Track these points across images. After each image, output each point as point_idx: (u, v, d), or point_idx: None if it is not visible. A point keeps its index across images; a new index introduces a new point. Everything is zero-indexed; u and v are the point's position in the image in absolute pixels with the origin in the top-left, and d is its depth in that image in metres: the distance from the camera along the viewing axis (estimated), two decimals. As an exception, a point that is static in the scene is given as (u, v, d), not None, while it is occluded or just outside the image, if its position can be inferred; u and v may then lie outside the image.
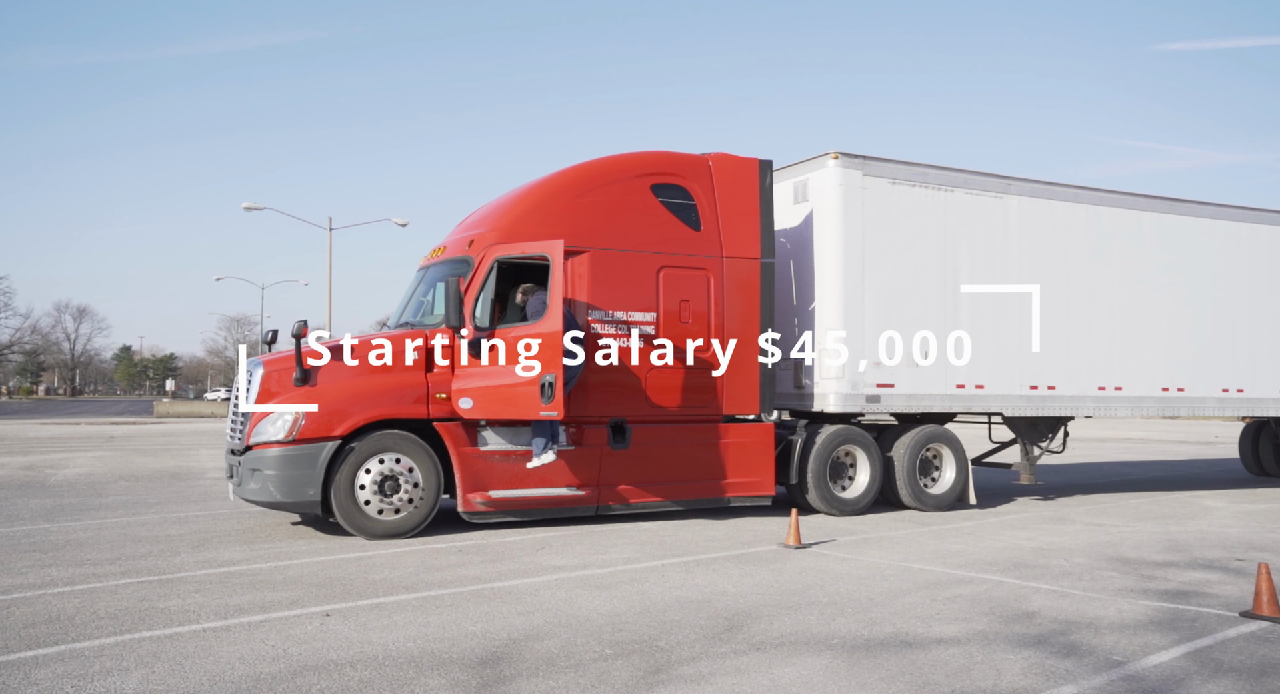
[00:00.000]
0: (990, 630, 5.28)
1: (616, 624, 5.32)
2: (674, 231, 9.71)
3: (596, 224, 9.37)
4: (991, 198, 11.23)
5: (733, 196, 10.02)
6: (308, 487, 8.12)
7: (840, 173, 10.36)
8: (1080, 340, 11.64)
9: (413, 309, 9.87)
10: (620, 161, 9.83)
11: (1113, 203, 12.02)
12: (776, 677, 4.39)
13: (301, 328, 8.29)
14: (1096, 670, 4.53)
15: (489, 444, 8.82)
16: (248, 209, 34.62)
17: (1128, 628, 5.37)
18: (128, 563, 6.99)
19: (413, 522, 8.47)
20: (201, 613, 5.41)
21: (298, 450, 8.13)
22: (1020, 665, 4.61)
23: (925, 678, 4.40)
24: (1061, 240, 11.60)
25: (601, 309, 9.27)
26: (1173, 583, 6.73)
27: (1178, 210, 12.48)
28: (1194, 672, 4.54)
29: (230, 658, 4.52)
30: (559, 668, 4.49)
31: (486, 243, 9.16)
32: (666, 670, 4.47)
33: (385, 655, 4.63)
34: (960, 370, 10.88)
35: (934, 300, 10.79)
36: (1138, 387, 12.04)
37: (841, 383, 10.22)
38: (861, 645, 4.94)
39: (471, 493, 8.64)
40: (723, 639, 5.03)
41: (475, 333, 8.79)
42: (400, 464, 8.46)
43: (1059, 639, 5.10)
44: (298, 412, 8.17)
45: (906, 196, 10.71)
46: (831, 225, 10.37)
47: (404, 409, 8.54)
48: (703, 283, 9.78)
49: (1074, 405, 11.64)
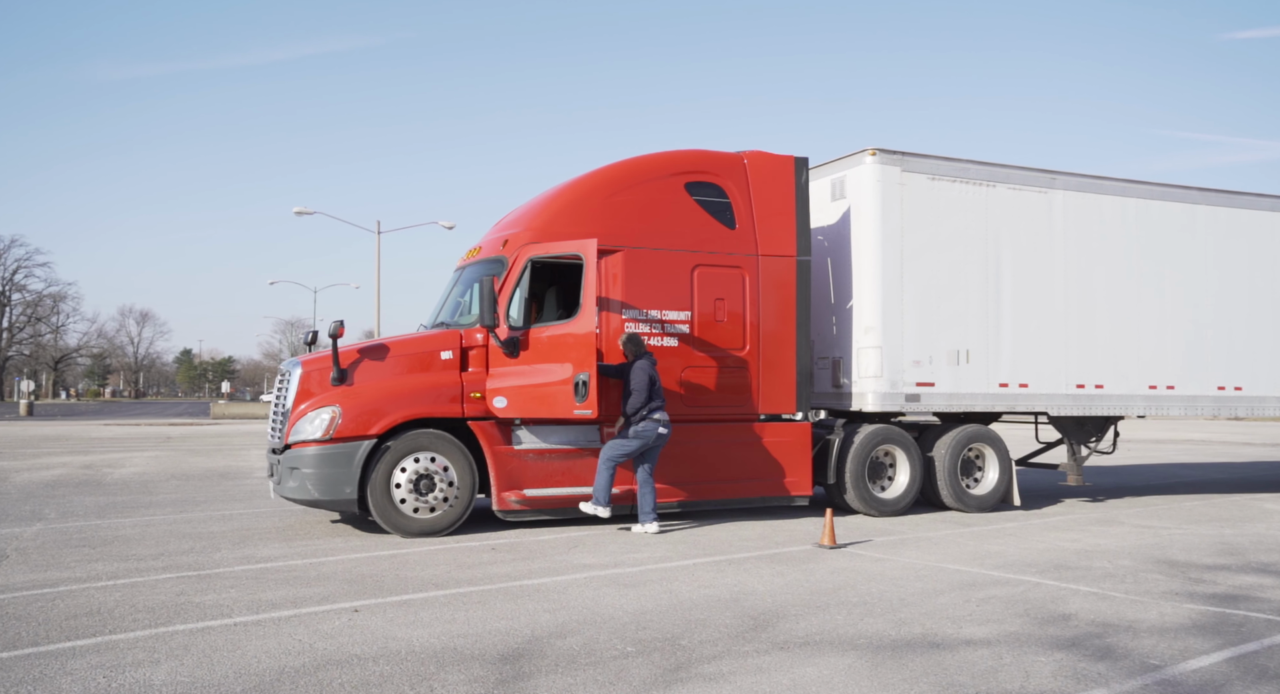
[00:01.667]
0: (1023, 632, 5.15)
1: (641, 622, 5.31)
2: (709, 230, 9.67)
3: (630, 223, 9.37)
4: (1035, 193, 10.98)
5: (768, 194, 9.95)
6: (344, 485, 8.25)
7: (878, 169, 10.22)
8: (1129, 338, 11.32)
9: (449, 309, 9.98)
10: (654, 160, 9.82)
11: (1163, 196, 11.67)
12: (797, 676, 4.33)
13: (338, 328, 8.43)
14: (1130, 674, 4.39)
15: (523, 443, 8.87)
16: (299, 214, 35.40)
17: (1168, 632, 5.20)
18: (170, 558, 7.18)
19: (448, 520, 8.55)
20: (235, 608, 5.52)
21: (334, 449, 8.27)
22: (1050, 668, 4.49)
23: (950, 679, 4.31)
24: (1109, 235, 11.29)
25: (636, 308, 9.26)
26: (1221, 587, 6.50)
27: (1234, 203, 12.07)
28: (1235, 677, 4.38)
29: (257, 651, 4.61)
30: (579, 665, 4.49)
31: (521, 243, 9.21)
32: (686, 669, 4.44)
33: (408, 651, 4.68)
34: (1003, 369, 10.66)
35: (975, 297, 10.58)
36: (1192, 385, 11.67)
37: (880, 381, 10.07)
38: (888, 646, 4.85)
39: (506, 492, 8.70)
40: (746, 638, 4.98)
41: (510, 332, 8.86)
42: (435, 463, 8.55)
43: (1094, 642, 4.96)
44: (335, 410, 8.31)
45: (946, 192, 10.52)
46: (869, 222, 10.24)
47: (439, 408, 8.63)
48: (738, 281, 9.72)
49: (1123, 405, 11.32)
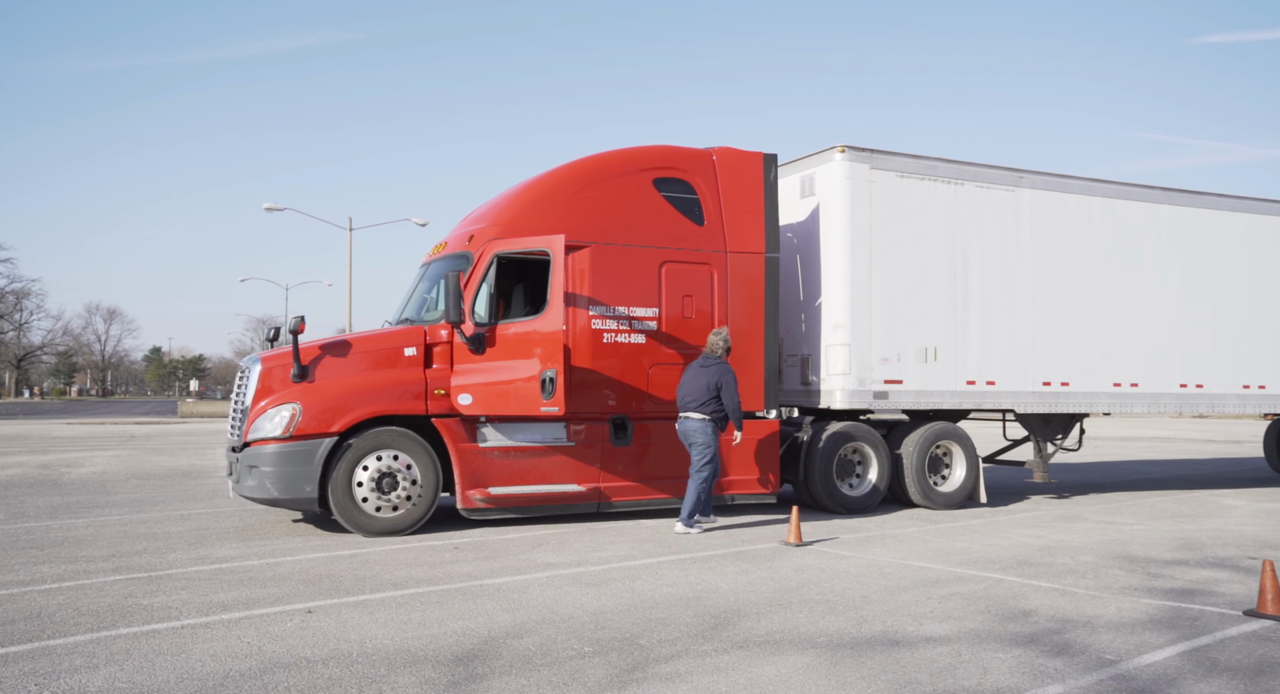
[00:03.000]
0: (983, 629, 5.14)
1: (601, 621, 5.24)
2: (677, 226, 9.61)
3: (598, 219, 9.29)
4: (1003, 191, 11.02)
5: (737, 191, 9.91)
6: (304, 483, 8.11)
7: (847, 166, 10.21)
8: (1095, 336, 11.41)
9: (414, 306, 9.86)
10: (622, 156, 9.75)
11: (1128, 196, 11.77)
12: (755, 676, 4.28)
13: (299, 324, 8.28)
14: (1086, 670, 4.39)
15: (489, 440, 8.77)
16: (269, 210, 34.94)
17: (1125, 627, 5.21)
18: (121, 560, 7.01)
19: (411, 519, 8.43)
20: (183, 610, 5.39)
21: (295, 447, 8.12)
22: (1008, 664, 4.47)
23: (908, 677, 4.28)
24: (1075, 234, 11.37)
25: (603, 305, 9.19)
26: (1179, 581, 6.54)
27: (1196, 203, 12.20)
28: (1187, 671, 4.39)
29: (202, 655, 4.49)
30: (534, 666, 4.41)
31: (486, 238, 9.11)
32: (643, 669, 4.38)
33: (360, 653, 4.58)
34: (970, 366, 10.70)
35: (943, 295, 10.61)
36: (1155, 383, 11.78)
37: (848, 379, 10.07)
38: (848, 644, 4.82)
39: (471, 490, 8.60)
40: (706, 637, 4.93)
41: (475, 328, 8.76)
42: (398, 461, 8.43)
43: (1052, 638, 4.96)
44: (295, 408, 8.17)
45: (915, 190, 10.54)
46: (838, 220, 10.23)
47: (402, 405, 8.51)
48: (706, 278, 9.67)
49: (1088, 402, 11.40)
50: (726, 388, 8.51)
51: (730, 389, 8.52)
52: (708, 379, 8.55)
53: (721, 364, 8.68)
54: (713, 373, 8.57)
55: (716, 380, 8.52)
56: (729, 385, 8.53)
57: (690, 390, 8.61)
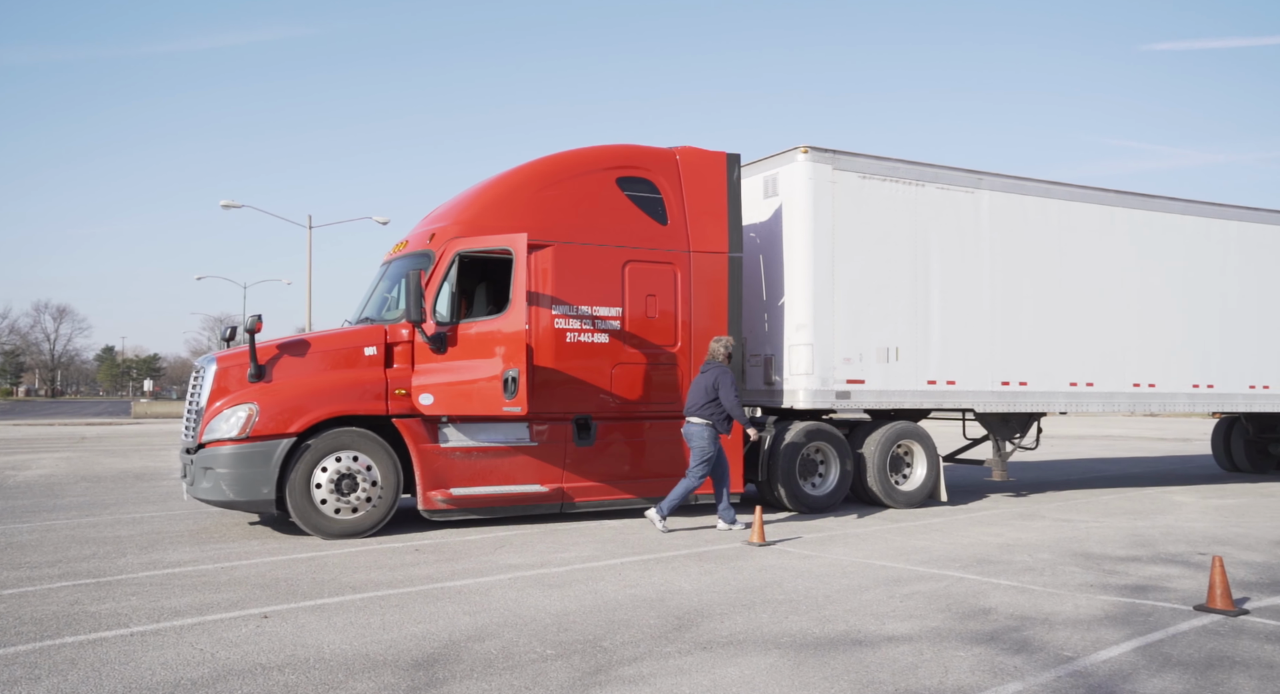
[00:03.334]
0: (944, 627, 5.18)
1: (563, 624, 5.20)
2: (640, 226, 9.59)
3: (561, 218, 9.23)
4: (963, 193, 11.16)
5: (700, 191, 9.91)
6: (261, 485, 7.95)
7: (810, 167, 10.26)
8: (1051, 336, 11.59)
9: (375, 305, 9.72)
10: (585, 155, 9.70)
11: (1083, 198, 11.98)
12: (718, 677, 4.27)
13: (255, 323, 8.13)
14: (1045, 667, 4.44)
15: (450, 441, 8.67)
16: (226, 207, 34.29)
17: (1082, 623, 5.29)
18: (68, 565, 6.81)
19: (371, 521, 8.31)
20: (133, 616, 5.24)
21: (251, 448, 7.97)
22: (969, 663, 4.51)
23: (871, 677, 4.29)
24: (1033, 236, 11.54)
25: (567, 304, 9.14)
26: (1133, 578, 6.66)
27: (1148, 206, 12.46)
28: (1141, 666, 4.46)
29: (152, 663, 4.36)
30: (495, 670, 4.36)
31: (448, 236, 9.02)
32: (606, 671, 4.34)
33: (317, 658, 4.49)
34: (931, 366, 10.81)
35: (905, 296, 10.70)
36: (1109, 382, 12.00)
37: (811, 379, 10.12)
38: (811, 644, 4.83)
39: (432, 491, 8.50)
40: (669, 638, 4.91)
41: (436, 327, 8.66)
42: (358, 462, 8.30)
43: (1012, 635, 5.01)
44: (251, 408, 8.01)
45: (877, 191, 10.62)
46: (801, 220, 10.27)
47: (362, 405, 8.39)
48: (669, 278, 9.66)
49: (1045, 401, 11.58)
50: (723, 387, 8.61)
51: (727, 388, 8.61)
52: (706, 382, 8.70)
53: (719, 366, 8.80)
54: (710, 376, 8.72)
55: (714, 382, 8.65)
56: (725, 385, 8.62)
57: (692, 395, 8.79)
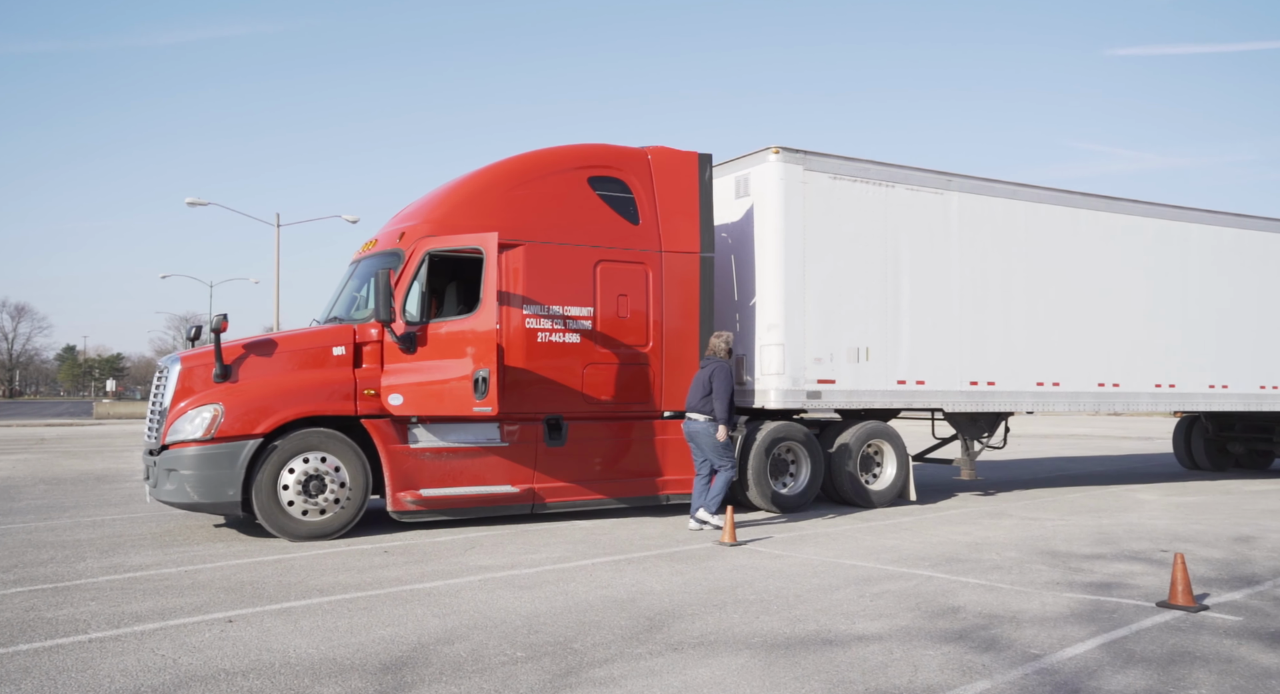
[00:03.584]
0: (914, 626, 5.21)
1: (534, 626, 5.16)
2: (612, 225, 9.57)
3: (532, 217, 9.19)
4: (932, 194, 11.25)
5: (672, 190, 9.91)
6: (227, 487, 7.83)
7: (781, 167, 10.29)
8: (1019, 336, 11.72)
9: (344, 304, 9.61)
10: (556, 154, 9.66)
11: (1050, 200, 12.13)
12: (689, 678, 4.26)
13: (221, 323, 8.01)
14: (1013, 664, 4.48)
15: (420, 441, 8.60)
16: (191, 204, 33.76)
17: (1049, 621, 5.35)
18: (24, 570, 6.65)
19: (339, 522, 8.22)
20: (92, 622, 5.13)
21: (216, 449, 7.84)
22: (938, 661, 4.54)
23: (841, 676, 4.31)
24: (1000, 237, 11.66)
25: (537, 303, 9.09)
26: (1098, 575, 6.75)
27: (1112, 208, 12.64)
28: (1106, 663, 4.52)
29: (111, 670, 4.27)
30: (465, 673, 4.31)
31: (418, 235, 8.94)
32: (577, 673, 4.32)
33: (283, 663, 4.42)
34: (901, 366, 10.88)
35: (875, 296, 10.77)
36: (1075, 382, 12.16)
37: (782, 379, 10.15)
38: (782, 644, 4.84)
39: (401, 492, 8.42)
40: (641, 640, 4.89)
41: (406, 327, 8.58)
42: (326, 463, 8.20)
43: (980, 634, 5.05)
44: (217, 408, 7.88)
45: (848, 192, 10.68)
46: (772, 220, 10.30)
47: (330, 406, 8.29)
48: (641, 277, 9.65)
49: (1013, 401, 11.71)
50: (717, 381, 8.62)
51: (720, 382, 8.62)
52: (703, 377, 8.76)
53: (718, 361, 8.82)
54: (707, 371, 8.77)
55: (709, 376, 8.68)
56: (720, 379, 8.64)
57: (692, 392, 8.83)
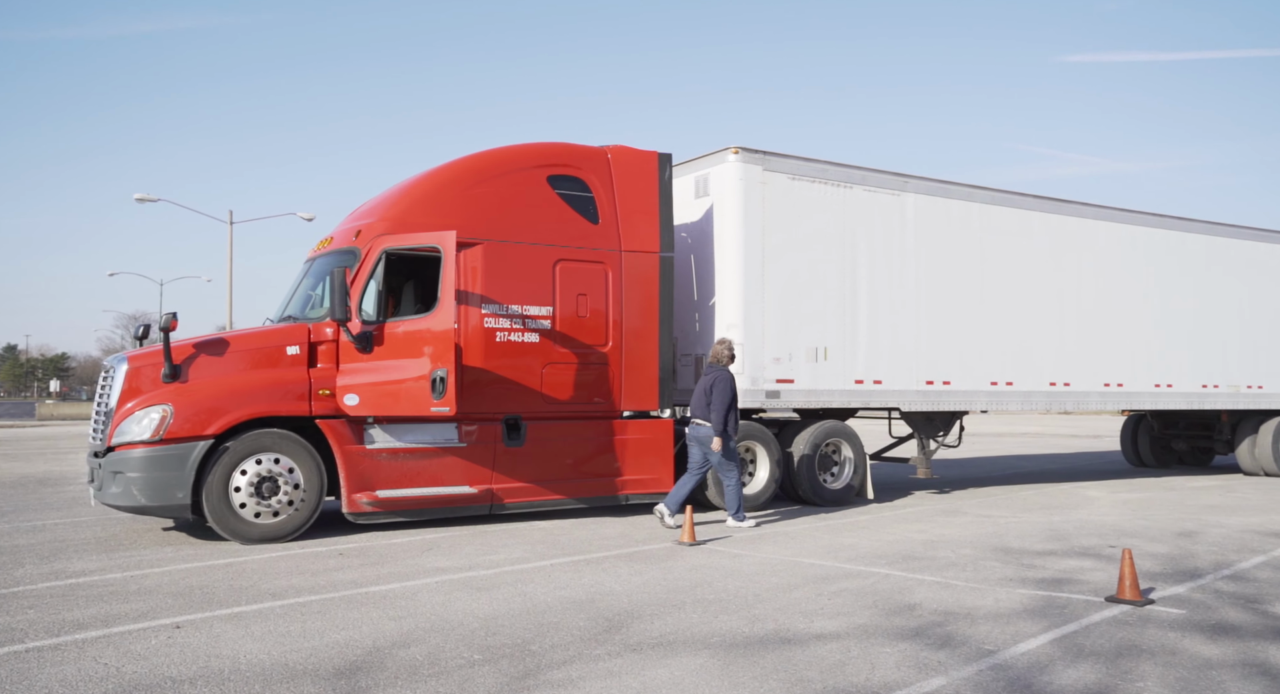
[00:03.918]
0: (871, 624, 5.25)
1: (491, 628, 5.11)
2: (571, 224, 9.52)
3: (491, 216, 9.11)
4: (889, 195, 11.37)
5: (632, 190, 9.89)
6: (176, 489, 7.65)
7: (740, 168, 10.33)
8: (974, 336, 11.90)
9: (298, 303, 9.44)
10: (515, 152, 9.59)
11: (1003, 202, 12.33)
12: (648, 679, 4.24)
13: (170, 321, 7.81)
14: (967, 661, 4.53)
15: (376, 442, 8.48)
16: (140, 201, 32.97)
17: (1002, 617, 5.42)
18: (-38, 576, 6.43)
19: (293, 524, 8.07)
20: (30, 631, 4.95)
21: (165, 450, 7.65)
22: (895, 658, 4.58)
23: (800, 675, 4.32)
24: (956, 238, 11.83)
25: (496, 303, 9.01)
26: (1050, 571, 6.87)
27: (1063, 211, 12.90)
28: (1057, 657, 4.60)
29: (49, 680, 4.13)
30: (421, 677, 4.25)
31: (375, 233, 8.81)
32: (534, 675, 4.28)
33: (233, 669, 4.31)
34: (859, 366, 10.99)
35: (833, 296, 10.86)
36: (1027, 382, 12.38)
37: (741, 378, 10.17)
38: (741, 643, 4.84)
39: (357, 493, 8.29)
40: (599, 641, 4.86)
41: (362, 326, 8.46)
42: (280, 464, 8.05)
43: (936, 631, 5.11)
44: (166, 409, 7.69)
45: (806, 193, 10.75)
46: (732, 220, 10.33)
47: (284, 406, 8.14)
48: (601, 277, 9.61)
49: (967, 400, 11.89)
50: (717, 389, 8.76)
51: (720, 391, 8.74)
52: (706, 385, 8.86)
53: (720, 369, 8.93)
54: (709, 380, 8.87)
55: (711, 386, 8.81)
56: (720, 388, 8.77)
57: (696, 398, 8.94)
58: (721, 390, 8.76)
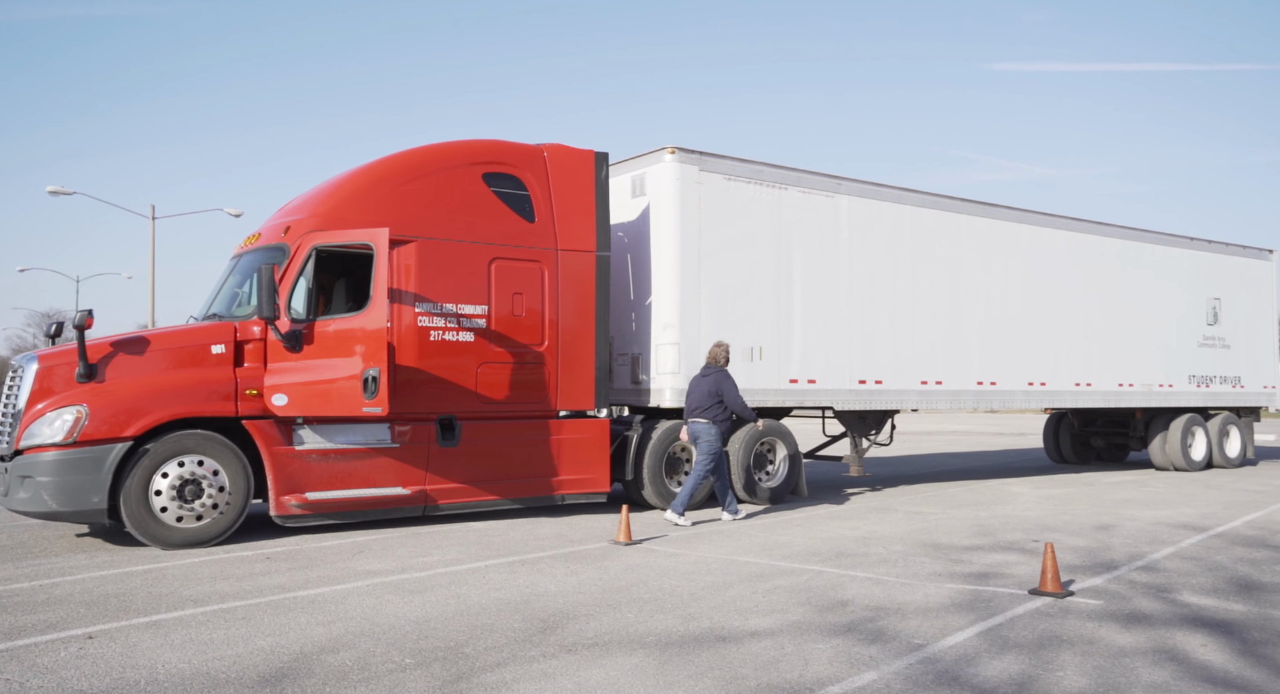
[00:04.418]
0: (804, 621, 5.31)
1: (423, 631, 5.02)
2: (507, 223, 9.43)
3: (424, 213, 8.97)
4: (823, 197, 11.54)
5: (568, 188, 9.84)
6: (91, 493, 7.34)
7: (677, 168, 10.36)
8: (905, 336, 12.15)
9: (224, 300, 9.16)
10: (450, 149, 9.45)
11: (933, 205, 12.62)
12: (582, 680, 4.22)
13: (85, 319, 7.50)
14: (898, 655, 4.62)
15: (306, 443, 8.27)
16: (54, 194, 31.63)
17: (931, 611, 5.54)
18: None
19: (218, 528, 7.82)
20: (-68, 642, 4.71)
21: (79, 453, 7.34)
22: (828, 654, 4.63)
23: (734, 672, 4.34)
24: (888, 240, 12.06)
25: (430, 301, 8.87)
26: (976, 566, 7.05)
27: (989, 214, 13.26)
28: (983, 650, 4.71)
29: (-48, 693, 3.93)
30: (350, 682, 4.15)
31: (305, 230, 8.60)
32: (467, 679, 4.21)
33: (149, 680, 4.15)
34: (794, 366, 11.12)
35: (768, 296, 10.97)
36: (956, 381, 12.69)
37: (678, 378, 10.21)
38: (676, 642, 4.85)
39: (285, 495, 8.08)
40: (534, 642, 4.82)
41: (291, 325, 8.24)
42: (204, 466, 7.80)
43: (867, 626, 5.19)
44: (80, 410, 7.38)
45: (742, 193, 10.84)
46: (668, 220, 10.36)
47: (208, 406, 7.88)
48: (536, 276, 9.54)
49: (899, 399, 12.13)
50: (726, 391, 9.20)
51: (731, 391, 9.22)
52: (708, 386, 9.22)
53: (720, 371, 9.30)
54: (712, 381, 9.25)
55: (716, 386, 9.19)
56: (729, 389, 9.21)
57: (695, 398, 9.29)
58: (731, 386, 9.24)
